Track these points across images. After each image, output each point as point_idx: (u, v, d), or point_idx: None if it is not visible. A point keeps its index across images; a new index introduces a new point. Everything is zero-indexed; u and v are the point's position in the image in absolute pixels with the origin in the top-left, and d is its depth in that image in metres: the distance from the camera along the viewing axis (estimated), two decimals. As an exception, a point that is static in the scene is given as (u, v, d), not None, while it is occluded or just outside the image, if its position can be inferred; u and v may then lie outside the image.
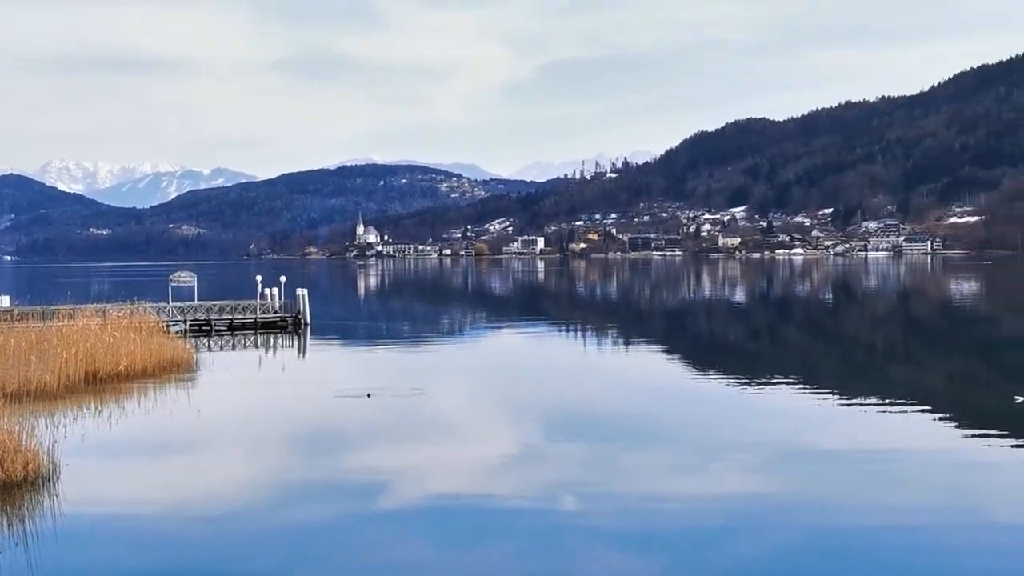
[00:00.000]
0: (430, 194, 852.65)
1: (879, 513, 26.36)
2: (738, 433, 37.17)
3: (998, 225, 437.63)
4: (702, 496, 28.31)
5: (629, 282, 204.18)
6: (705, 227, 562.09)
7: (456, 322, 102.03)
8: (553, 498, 28.42)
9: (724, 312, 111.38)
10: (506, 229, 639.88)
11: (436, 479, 30.60)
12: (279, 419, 41.91)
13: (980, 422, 38.49)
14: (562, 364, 61.61)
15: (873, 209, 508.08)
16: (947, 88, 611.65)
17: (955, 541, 24.36)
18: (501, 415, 42.79)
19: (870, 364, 61.88)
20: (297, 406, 45.44)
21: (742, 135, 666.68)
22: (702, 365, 59.11)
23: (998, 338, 76.17)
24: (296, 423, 40.79)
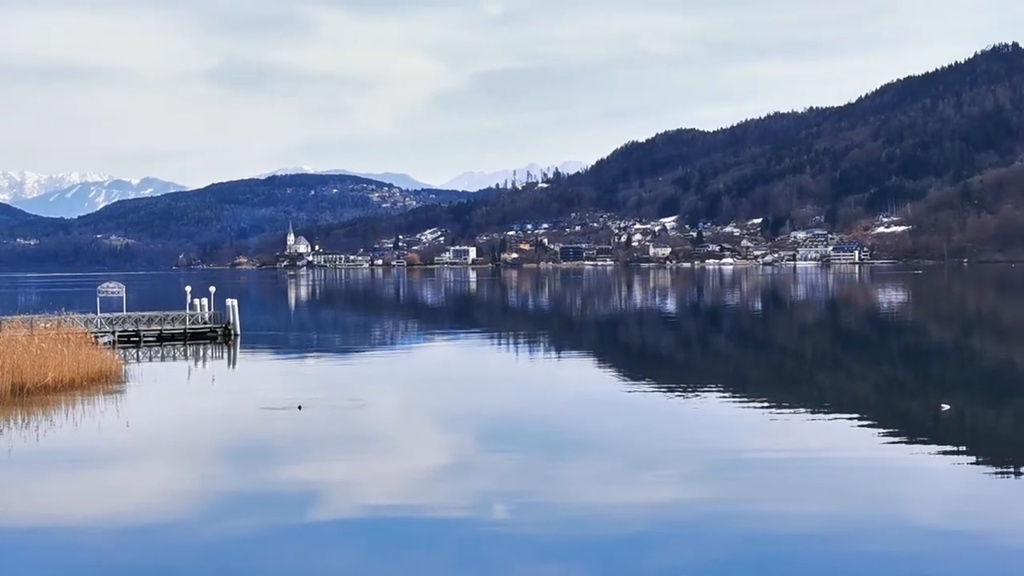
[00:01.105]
0: (361, 204, 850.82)
1: (808, 521, 26.61)
2: (668, 442, 37.36)
3: (924, 235, 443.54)
4: (632, 505, 28.43)
5: (561, 292, 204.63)
6: (636, 237, 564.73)
7: (388, 333, 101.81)
8: (484, 509, 28.44)
9: (655, 322, 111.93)
10: (438, 239, 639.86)
11: (367, 490, 30.53)
12: (209, 431, 41.64)
13: (907, 430, 38.97)
14: (494, 374, 61.66)
15: (801, 219, 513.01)
16: (874, 100, 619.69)
17: (882, 549, 24.62)
18: (432, 426, 42.76)
19: (799, 373, 62.42)
20: (227, 418, 45.14)
21: (672, 146, 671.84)
22: (633, 375, 59.35)
23: (924, 347, 77.10)
24: (226, 435, 40.55)
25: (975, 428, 41.21)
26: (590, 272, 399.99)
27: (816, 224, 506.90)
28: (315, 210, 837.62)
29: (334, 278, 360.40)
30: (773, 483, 30.83)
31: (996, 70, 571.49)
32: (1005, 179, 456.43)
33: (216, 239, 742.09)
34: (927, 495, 29.39)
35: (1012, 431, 40.81)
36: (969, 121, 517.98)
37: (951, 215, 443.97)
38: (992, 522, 26.79)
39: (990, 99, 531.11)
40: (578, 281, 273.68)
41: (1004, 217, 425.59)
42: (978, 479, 31.55)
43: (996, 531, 26.05)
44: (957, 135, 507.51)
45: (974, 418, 43.27)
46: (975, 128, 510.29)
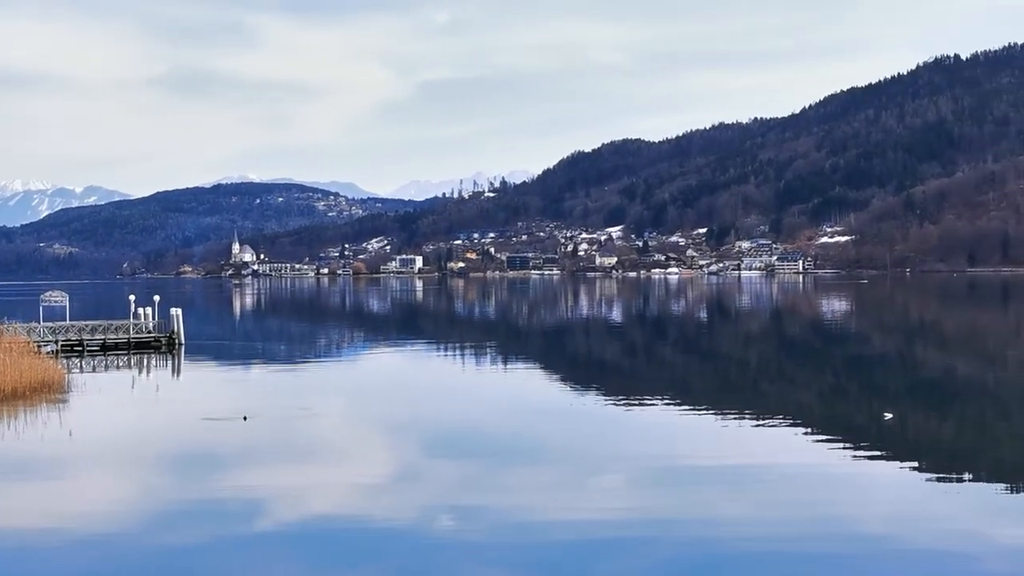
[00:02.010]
0: (307, 213, 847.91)
1: (753, 529, 26.78)
2: (614, 450, 37.48)
3: (867, 244, 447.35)
4: (579, 514, 28.50)
5: (507, 301, 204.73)
6: (582, 246, 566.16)
7: (333, 342, 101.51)
8: (431, 518, 28.42)
9: (601, 331, 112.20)
10: (384, 248, 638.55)
11: (312, 501, 30.44)
12: (153, 441, 41.34)
13: (851, 438, 39.24)
14: (440, 384, 61.60)
15: (746, 229, 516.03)
16: (817, 110, 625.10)
17: (827, 557, 24.82)
18: (379, 435, 42.68)
19: (744, 381, 62.76)
20: (171, 428, 44.82)
21: (618, 156, 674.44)
22: (579, 384, 59.48)
23: (867, 356, 77.69)
24: (170, 445, 40.27)
25: (918, 436, 41.63)
26: (536, 281, 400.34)
27: (760, 234, 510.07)
28: (260, 219, 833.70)
29: (279, 287, 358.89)
30: (718, 491, 31.00)
31: (938, 82, 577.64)
32: (947, 190, 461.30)
33: (161, 248, 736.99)
34: (871, 503, 29.63)
35: (954, 439, 41.24)
36: (912, 132, 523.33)
37: (894, 225, 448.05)
38: (935, 530, 27.06)
39: (932, 110, 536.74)
40: (525, 290, 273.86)
41: (946, 227, 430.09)
42: (921, 487, 31.86)
43: (939, 538, 26.31)
44: (900, 146, 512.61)
45: (916, 426, 43.69)
46: (917, 139, 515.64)
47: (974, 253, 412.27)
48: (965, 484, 32.05)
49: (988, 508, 29.26)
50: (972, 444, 40.06)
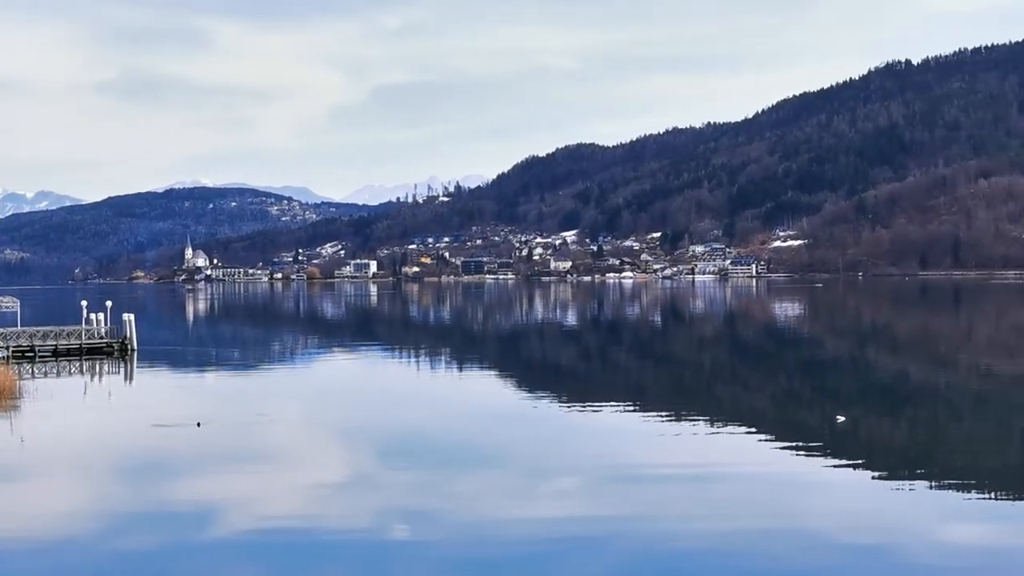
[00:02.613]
0: (260, 217, 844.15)
1: (707, 532, 26.89)
2: (569, 455, 37.53)
3: (820, 248, 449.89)
4: (534, 519, 28.53)
5: (462, 305, 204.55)
6: (537, 251, 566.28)
7: (287, 347, 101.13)
8: (385, 523, 28.38)
9: (556, 335, 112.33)
10: (338, 253, 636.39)
11: (266, 506, 30.33)
12: (105, 447, 41.08)
13: (804, 442, 39.46)
14: (395, 389, 61.49)
15: (700, 233, 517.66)
16: (770, 115, 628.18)
17: (780, 560, 24.95)
18: (333, 441, 42.56)
19: (698, 385, 62.97)
20: (124, 434, 44.54)
21: (572, 160, 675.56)
22: (534, 388, 59.52)
23: (820, 359, 78.15)
24: (123, 451, 40.01)
25: (870, 439, 41.90)
26: (491, 286, 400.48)
27: (714, 238, 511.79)
28: (214, 223, 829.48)
29: (233, 292, 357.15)
30: (672, 495, 31.11)
31: (889, 87, 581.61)
32: (898, 194, 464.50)
33: (113, 253, 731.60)
34: (824, 505, 29.81)
35: (906, 442, 41.54)
36: (863, 137, 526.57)
37: (846, 229, 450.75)
38: (886, 532, 27.25)
39: (884, 115, 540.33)
40: (479, 295, 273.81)
41: (897, 231, 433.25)
42: (873, 489, 32.07)
43: (890, 540, 26.50)
44: (852, 150, 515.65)
45: (869, 429, 43.97)
46: (869, 144, 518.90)
47: (925, 257, 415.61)
48: (917, 486, 32.29)
49: (939, 509, 29.52)
50: (923, 446, 40.39)
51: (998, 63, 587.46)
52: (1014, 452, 38.25)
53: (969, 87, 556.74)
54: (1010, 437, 41.17)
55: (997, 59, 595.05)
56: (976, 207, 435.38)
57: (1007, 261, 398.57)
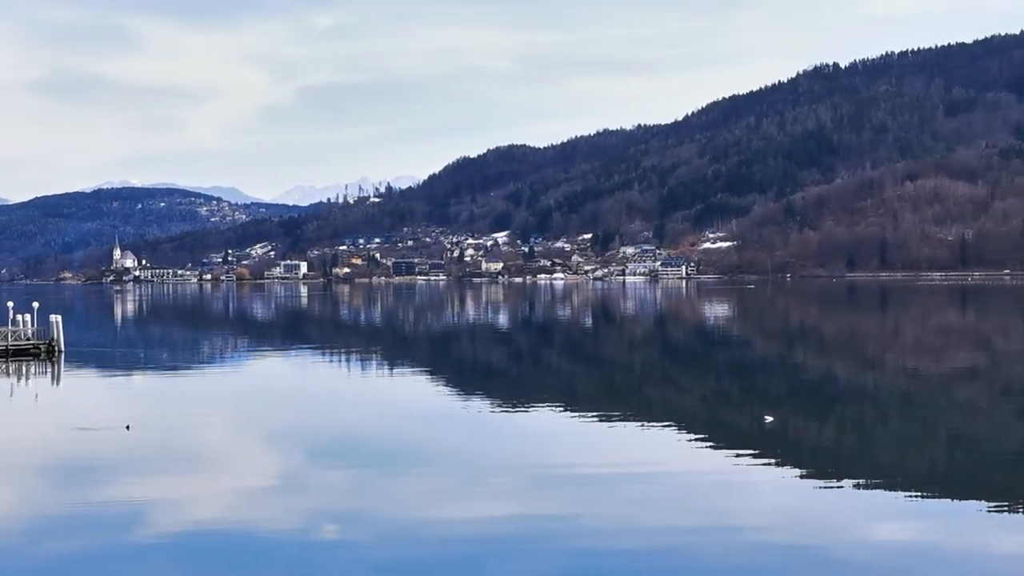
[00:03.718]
0: (189, 218, 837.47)
1: (638, 533, 27.04)
2: (500, 456, 37.60)
3: (749, 250, 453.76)
4: (466, 520, 28.56)
5: (393, 307, 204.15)
6: (468, 252, 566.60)
7: (217, 349, 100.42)
8: (316, 525, 28.30)
9: (487, 337, 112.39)
10: (268, 253, 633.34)
11: (196, 509, 30.15)
12: (32, 450, 40.63)
13: (733, 442, 39.77)
14: (326, 390, 61.26)
15: (630, 234, 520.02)
16: (700, 117, 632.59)
17: (710, 558, 25.15)
18: (263, 443, 42.36)
19: (629, 386, 63.23)
20: (51, 437, 44.05)
21: (504, 161, 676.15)
22: (466, 389, 59.51)
23: (749, 360, 78.73)
24: (50, 454, 39.59)
25: (798, 439, 42.30)
26: (423, 287, 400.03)
27: (645, 240, 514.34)
28: (142, 224, 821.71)
29: (162, 293, 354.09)
30: (603, 496, 31.24)
31: (817, 90, 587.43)
32: (826, 196, 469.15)
33: (40, 253, 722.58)
34: (753, 505, 30.07)
35: (833, 442, 41.98)
36: (792, 139, 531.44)
37: (775, 231, 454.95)
38: (813, 530, 27.55)
39: (812, 118, 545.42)
40: (411, 296, 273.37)
41: (825, 233, 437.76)
42: (800, 489, 32.38)
43: (817, 539, 26.80)
44: (780, 153, 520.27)
45: (796, 429, 44.40)
46: (797, 146, 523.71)
47: (853, 258, 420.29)
48: (843, 485, 32.62)
49: (865, 508, 29.86)
50: (850, 446, 40.84)
51: (924, 66, 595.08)
52: (939, 452, 38.78)
53: (896, 90, 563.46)
54: (935, 437, 41.72)
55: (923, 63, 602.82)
56: (902, 209, 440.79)
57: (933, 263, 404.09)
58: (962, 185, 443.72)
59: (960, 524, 28.21)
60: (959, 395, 54.99)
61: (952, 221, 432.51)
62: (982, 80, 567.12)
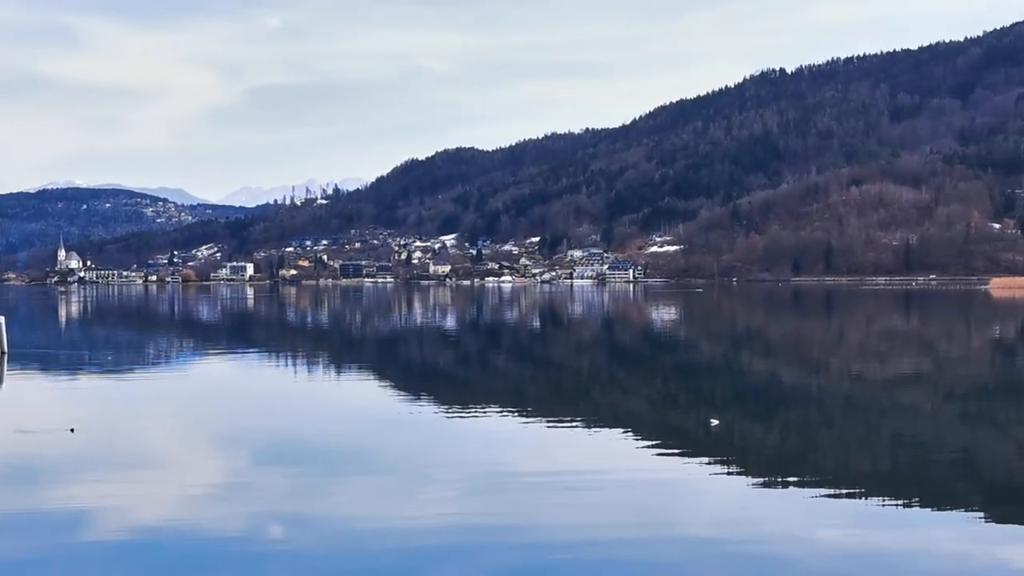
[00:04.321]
0: (135, 219, 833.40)
1: (585, 537, 27.10)
2: (447, 459, 37.57)
3: (695, 254, 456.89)
4: (410, 523, 28.53)
5: (340, 309, 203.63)
6: (416, 254, 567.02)
7: (163, 350, 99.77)
8: (261, 528, 28.20)
9: (435, 339, 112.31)
10: (214, 255, 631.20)
11: (140, 512, 29.95)
12: (-26, 453, 40.17)
13: (679, 445, 39.94)
14: (272, 393, 61.01)
15: (578, 238, 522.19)
16: (647, 122, 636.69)
17: (658, 563, 25.24)
18: (209, 445, 42.13)
19: (575, 389, 63.35)
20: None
21: (452, 164, 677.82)
22: (413, 392, 59.44)
23: (695, 364, 79.12)
24: (-8, 457, 39.19)
25: (743, 442, 42.53)
26: (370, 289, 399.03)
27: (592, 243, 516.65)
28: (87, 225, 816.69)
29: (107, 294, 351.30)
30: (550, 499, 31.31)
31: (764, 95, 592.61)
32: (772, 201, 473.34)
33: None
34: (699, 508, 30.23)
35: (778, 445, 42.26)
36: (738, 144, 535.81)
37: (721, 235, 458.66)
38: (758, 533, 27.72)
39: (758, 123, 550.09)
40: (358, 298, 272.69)
41: (771, 237, 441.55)
42: (745, 492, 32.56)
43: (763, 541, 26.97)
44: (727, 157, 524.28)
45: (742, 433, 44.64)
46: (744, 151, 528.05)
47: (798, 263, 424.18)
48: (788, 487, 32.86)
49: (810, 511, 30.07)
50: (795, 449, 41.14)
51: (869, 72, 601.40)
52: (883, 455, 39.11)
53: (842, 96, 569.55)
54: (879, 440, 42.07)
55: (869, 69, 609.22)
56: (848, 214, 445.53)
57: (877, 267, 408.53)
58: (907, 190, 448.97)
59: (902, 525, 28.48)
60: (903, 398, 55.50)
61: (896, 226, 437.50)
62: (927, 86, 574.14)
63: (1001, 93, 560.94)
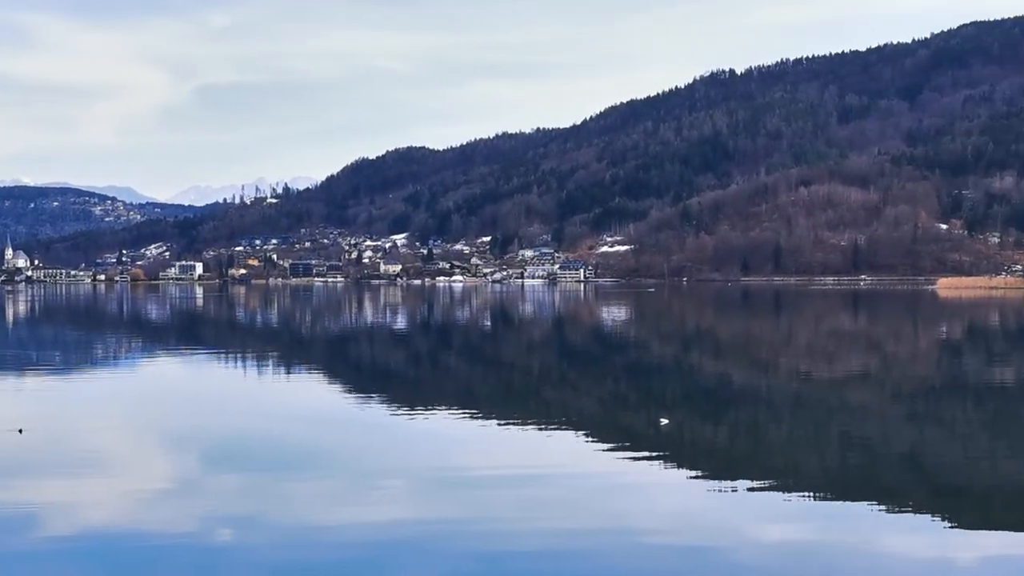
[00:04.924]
0: (84, 218, 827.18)
1: (536, 537, 27.16)
2: (397, 459, 37.53)
3: (646, 254, 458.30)
4: (361, 523, 28.49)
5: (290, 308, 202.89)
6: (367, 254, 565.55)
7: (111, 350, 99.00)
8: (210, 529, 28.07)
9: (385, 339, 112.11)
10: (163, 254, 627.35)
11: (88, 513, 29.75)
12: (-81, 454, 39.77)
13: (629, 445, 40.03)
14: (221, 393, 60.68)
15: (529, 237, 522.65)
16: (598, 122, 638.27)
17: (608, 563, 25.31)
18: (157, 446, 41.89)
19: (527, 389, 63.40)
20: (-61, 440, 43.15)
21: (403, 163, 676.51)
22: (363, 392, 59.31)
23: (645, 363, 79.35)
24: (-62, 458, 38.80)
25: (693, 441, 42.71)
26: (320, 288, 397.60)
27: (543, 243, 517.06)
28: (35, 223, 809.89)
29: (55, 294, 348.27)
30: (500, 498, 31.34)
31: (714, 95, 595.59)
32: (722, 201, 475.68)
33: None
34: (647, 507, 30.33)
35: (727, 443, 42.47)
36: (688, 144, 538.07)
37: (671, 235, 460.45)
38: (707, 531, 27.87)
39: (708, 123, 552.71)
40: (308, 298, 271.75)
41: (721, 238, 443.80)
42: (695, 490, 32.72)
43: (711, 540, 27.13)
44: (677, 158, 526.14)
45: (692, 432, 44.82)
46: (694, 151, 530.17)
47: (748, 262, 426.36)
48: (737, 486, 33.02)
49: (758, 509, 30.27)
50: (744, 448, 41.33)
51: (818, 74, 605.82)
52: (831, 454, 39.41)
53: (791, 97, 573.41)
54: (827, 439, 42.38)
55: (817, 70, 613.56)
56: (796, 214, 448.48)
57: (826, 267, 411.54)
58: (855, 191, 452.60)
59: (850, 524, 28.70)
60: (851, 398, 55.89)
61: (845, 227, 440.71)
62: (875, 87, 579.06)
63: (948, 95, 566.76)
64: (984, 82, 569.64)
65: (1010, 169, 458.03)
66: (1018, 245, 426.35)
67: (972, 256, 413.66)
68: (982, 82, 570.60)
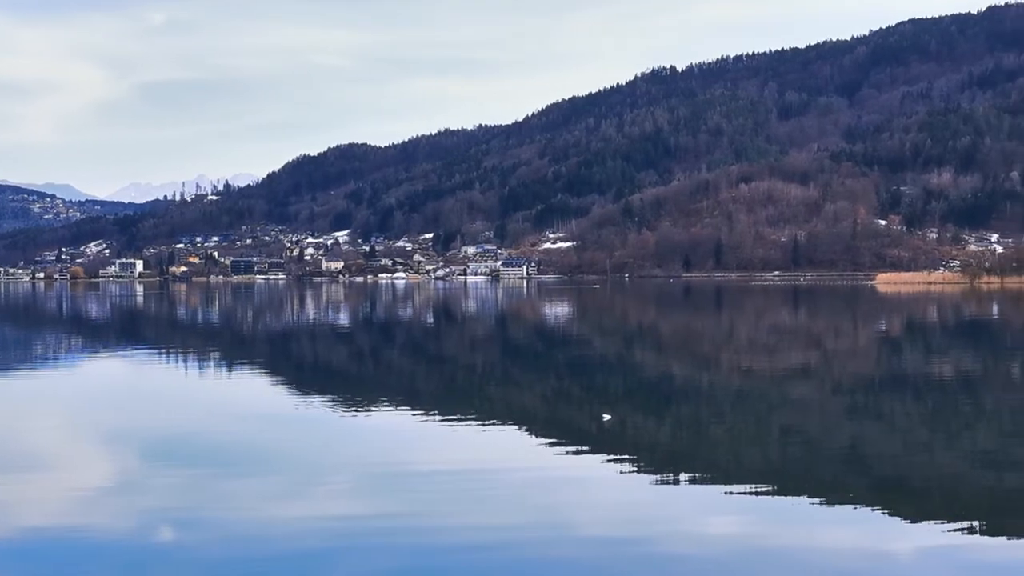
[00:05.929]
0: (22, 215, 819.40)
1: (479, 533, 27.15)
2: (339, 456, 37.42)
3: (588, 250, 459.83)
4: (303, 520, 28.39)
5: (232, 306, 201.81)
6: (308, 251, 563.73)
7: (50, 349, 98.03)
8: (151, 528, 27.86)
9: (327, 336, 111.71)
10: (103, 251, 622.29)
11: (28, 512, 29.46)
12: None
13: (572, 440, 40.12)
14: (162, 391, 60.22)
15: (472, 234, 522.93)
16: (540, 119, 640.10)
17: (546, 554, 25.36)
18: (97, 444, 41.51)
19: (469, 386, 63.34)
20: None
21: (344, 160, 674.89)
22: (306, 389, 59.08)
23: (587, 359, 79.47)
24: None
25: (635, 437, 42.84)
26: (262, 286, 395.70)
27: (486, 239, 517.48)
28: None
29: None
30: (442, 494, 31.30)
31: (655, 92, 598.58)
32: (663, 197, 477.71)
33: None
34: (590, 502, 30.42)
35: (669, 438, 42.64)
36: (630, 141, 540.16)
37: (613, 232, 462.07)
38: (649, 525, 28.00)
39: (649, 120, 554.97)
40: (250, 295, 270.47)
41: (662, 234, 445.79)
42: (637, 485, 32.83)
43: (652, 534, 27.25)
44: (619, 154, 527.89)
45: (634, 427, 44.97)
46: (635, 148, 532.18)
47: (689, 259, 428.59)
48: (680, 481, 33.18)
49: (700, 503, 30.42)
50: (686, 443, 41.52)
51: (758, 71, 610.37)
52: (772, 448, 39.66)
53: (731, 94, 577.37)
54: (768, 434, 42.66)
55: (758, 67, 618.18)
56: (737, 211, 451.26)
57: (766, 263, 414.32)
58: (795, 187, 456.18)
59: (790, 516, 28.91)
60: (792, 393, 56.27)
61: (785, 223, 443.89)
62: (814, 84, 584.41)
63: (887, 92, 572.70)
64: (922, 79, 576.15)
65: (947, 165, 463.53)
66: (955, 241, 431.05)
67: (911, 252, 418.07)
68: (920, 79, 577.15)
